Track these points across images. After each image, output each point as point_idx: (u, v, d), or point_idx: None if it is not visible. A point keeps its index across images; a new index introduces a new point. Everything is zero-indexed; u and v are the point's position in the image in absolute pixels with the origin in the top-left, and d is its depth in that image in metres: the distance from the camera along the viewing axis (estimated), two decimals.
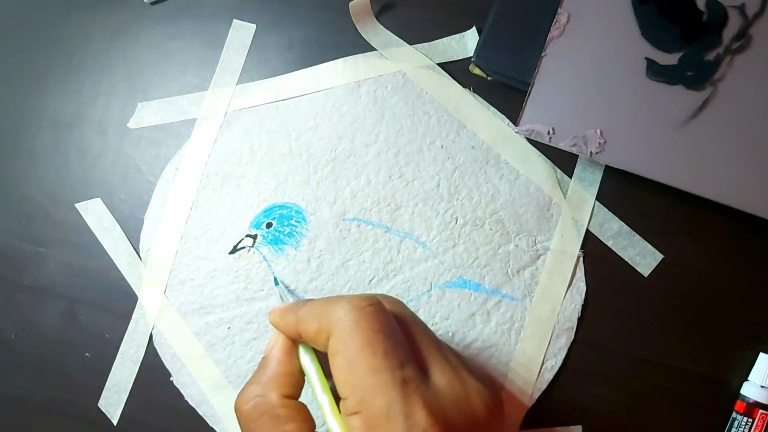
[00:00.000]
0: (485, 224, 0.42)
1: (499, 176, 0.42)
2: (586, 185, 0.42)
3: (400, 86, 0.43)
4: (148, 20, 0.46)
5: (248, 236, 0.43)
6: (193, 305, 0.43)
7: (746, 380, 0.39)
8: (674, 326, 0.41)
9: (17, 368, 0.44)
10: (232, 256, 0.43)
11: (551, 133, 0.38)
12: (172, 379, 0.43)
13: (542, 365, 0.41)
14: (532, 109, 0.39)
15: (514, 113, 0.42)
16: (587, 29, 0.38)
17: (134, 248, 0.44)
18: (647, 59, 0.38)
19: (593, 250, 0.41)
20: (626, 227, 0.41)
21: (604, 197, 0.42)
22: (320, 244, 0.42)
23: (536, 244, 0.41)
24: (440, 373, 0.29)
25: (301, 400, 0.32)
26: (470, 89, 0.43)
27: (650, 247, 0.41)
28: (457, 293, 0.41)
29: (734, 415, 0.39)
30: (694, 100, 0.38)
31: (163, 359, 0.43)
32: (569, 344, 0.41)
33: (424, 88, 0.43)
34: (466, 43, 0.43)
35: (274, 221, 0.43)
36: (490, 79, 0.42)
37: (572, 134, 0.38)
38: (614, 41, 0.38)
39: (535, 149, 0.42)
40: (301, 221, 0.43)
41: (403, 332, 0.30)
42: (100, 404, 0.43)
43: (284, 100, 0.44)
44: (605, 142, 0.38)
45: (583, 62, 0.38)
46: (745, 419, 0.38)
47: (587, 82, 0.38)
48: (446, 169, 0.42)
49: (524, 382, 0.40)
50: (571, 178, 0.42)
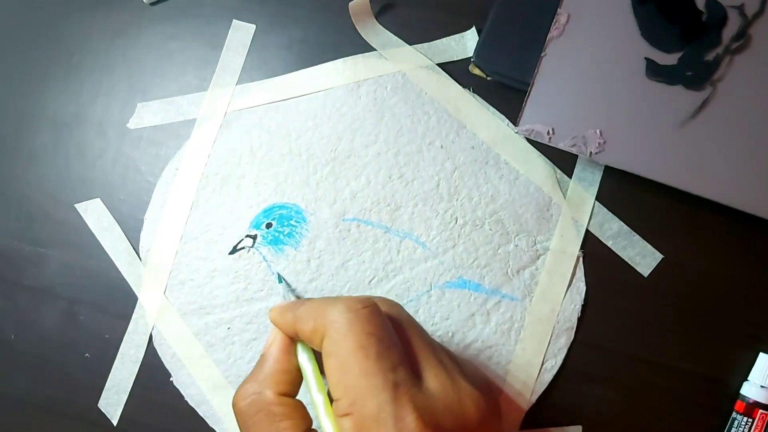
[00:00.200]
0: (485, 224, 0.42)
1: (498, 176, 0.42)
2: (585, 185, 0.42)
3: (399, 86, 0.43)
4: (147, 20, 0.46)
5: (248, 236, 0.43)
6: (192, 305, 0.43)
7: (746, 380, 0.39)
8: (674, 326, 0.41)
9: (17, 369, 0.44)
10: (231, 256, 0.43)
11: (551, 133, 0.38)
12: (171, 379, 0.43)
13: (542, 365, 0.41)
14: (531, 109, 0.39)
15: (513, 113, 0.42)
16: (587, 29, 0.38)
17: (134, 248, 0.44)
18: (647, 59, 0.38)
19: (593, 250, 0.41)
20: (626, 227, 0.41)
21: (603, 197, 0.42)
22: (320, 244, 0.42)
23: (536, 244, 0.41)
24: (434, 376, 0.29)
25: (298, 398, 0.32)
26: (470, 89, 0.43)
27: (650, 247, 0.41)
28: (456, 293, 0.41)
29: (734, 415, 0.39)
30: (693, 100, 0.38)
31: (162, 359, 0.43)
32: (569, 344, 0.41)
33: (423, 88, 0.43)
34: (465, 43, 0.43)
35: (273, 221, 0.43)
36: (489, 79, 0.42)
37: (572, 134, 0.38)
38: (614, 41, 0.38)
39: (534, 149, 0.42)
40: (300, 221, 0.43)
41: (398, 335, 0.30)
42: (99, 404, 0.43)
43: (284, 100, 0.44)
44: (605, 142, 0.38)
45: (582, 62, 0.38)
46: (744, 419, 0.38)
47: (587, 82, 0.38)
48: (446, 169, 0.42)
49: (524, 382, 0.40)
50: (570, 178, 0.42)
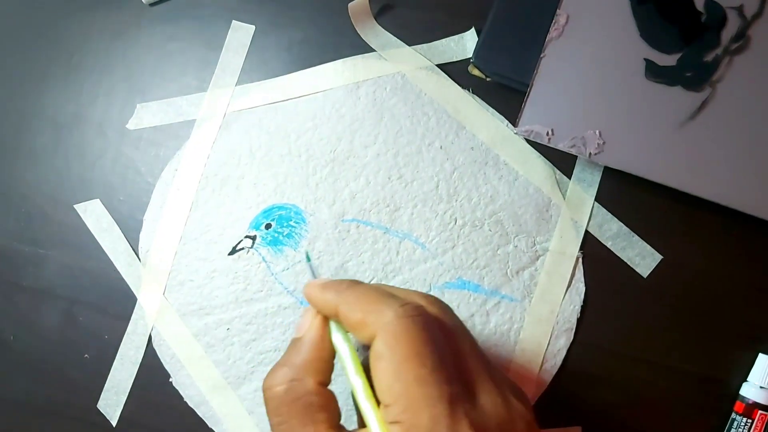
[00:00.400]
0: (484, 225, 0.42)
1: (498, 177, 0.42)
2: (585, 186, 0.42)
3: (399, 87, 0.43)
4: (147, 21, 0.46)
5: (247, 237, 0.43)
6: (192, 306, 0.43)
7: (745, 381, 0.39)
8: (673, 327, 0.41)
9: (16, 370, 0.44)
10: (231, 257, 0.43)
11: (550, 134, 0.38)
12: (171, 380, 0.43)
13: (541, 366, 0.41)
14: (531, 110, 0.39)
15: (513, 114, 0.42)
16: (586, 30, 0.38)
17: (133, 249, 0.44)
18: (646, 60, 0.38)
19: (592, 251, 0.41)
20: (625, 228, 0.41)
21: (603, 198, 0.42)
22: (319, 245, 0.42)
23: (535, 245, 0.41)
24: (487, 393, 0.28)
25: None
26: (469, 90, 0.43)
27: (649, 247, 0.41)
28: (456, 294, 0.41)
29: (733, 415, 0.39)
30: (692, 101, 0.38)
31: (162, 360, 0.43)
32: (568, 345, 0.41)
33: (423, 89, 0.43)
34: (465, 44, 0.43)
35: (273, 222, 0.43)
36: (489, 80, 0.42)
37: (571, 135, 0.38)
38: (613, 42, 0.38)
39: (534, 150, 0.42)
40: (300, 222, 0.43)
41: (451, 345, 0.29)
42: (99, 405, 0.43)
43: (283, 101, 0.44)
44: (604, 143, 0.38)
45: (582, 63, 0.38)
46: (744, 420, 0.38)
47: (586, 83, 0.38)
48: (445, 170, 0.42)
49: (523, 383, 0.40)
50: (570, 179, 0.42)
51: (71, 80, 0.46)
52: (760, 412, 0.38)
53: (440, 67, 0.43)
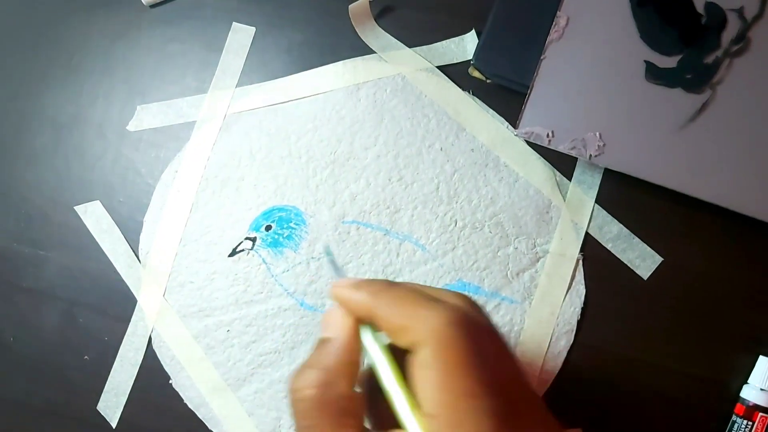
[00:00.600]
0: (485, 227, 0.42)
1: (498, 179, 0.42)
2: (585, 188, 0.42)
3: (399, 89, 0.43)
4: (147, 23, 0.46)
5: (247, 239, 0.43)
6: (192, 308, 0.43)
7: (746, 383, 0.39)
8: (673, 329, 0.41)
9: (16, 371, 0.44)
10: (231, 258, 0.43)
11: (550, 135, 0.38)
12: (171, 381, 0.43)
13: (542, 368, 0.41)
14: (531, 111, 0.39)
15: (513, 116, 0.42)
16: (586, 32, 0.38)
17: (133, 251, 0.44)
18: (646, 62, 0.38)
19: (593, 252, 0.41)
20: (625, 230, 0.41)
21: (603, 200, 0.42)
22: (319, 246, 0.42)
23: (535, 246, 0.41)
24: (530, 410, 0.27)
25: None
26: (469, 92, 0.43)
27: (649, 249, 0.41)
28: None
29: (734, 418, 0.39)
30: (693, 103, 0.38)
31: (162, 362, 0.43)
32: (569, 347, 0.41)
33: (423, 90, 0.43)
34: (465, 45, 0.43)
35: (273, 224, 0.43)
36: (489, 81, 0.42)
37: (571, 137, 0.38)
38: (613, 44, 0.38)
39: (534, 152, 0.42)
40: (300, 224, 0.43)
41: (496, 357, 0.28)
42: (99, 407, 0.43)
43: (283, 102, 0.44)
44: (604, 144, 0.38)
45: (582, 65, 0.38)
46: (744, 422, 0.38)
47: (586, 84, 0.38)
48: (445, 171, 0.42)
49: None
50: (570, 180, 0.42)
51: (71, 81, 0.46)
52: (760, 414, 0.38)
53: (440, 68, 0.43)
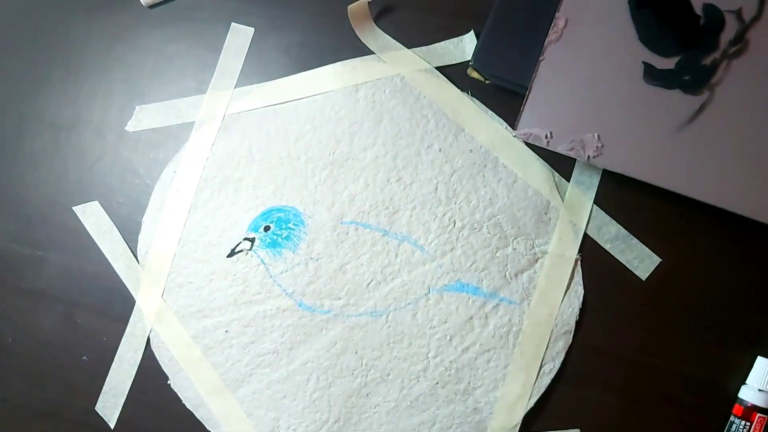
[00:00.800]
0: (483, 228, 0.42)
1: (497, 180, 0.42)
2: (583, 189, 0.42)
3: (398, 90, 0.43)
4: (146, 24, 0.46)
5: (246, 239, 0.43)
6: (190, 308, 0.43)
7: (744, 383, 0.39)
8: (672, 329, 0.41)
9: (14, 372, 0.44)
10: (229, 259, 0.43)
11: (549, 136, 0.39)
12: (169, 382, 0.43)
13: (540, 369, 0.41)
14: (529, 112, 0.39)
15: (512, 117, 0.42)
16: (585, 34, 0.38)
17: (132, 251, 0.44)
18: (644, 63, 0.38)
19: (591, 253, 0.41)
20: (624, 231, 0.41)
21: (601, 201, 0.42)
22: (318, 247, 0.42)
23: (534, 247, 0.42)
24: None
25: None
26: (468, 93, 0.43)
27: (648, 250, 0.41)
28: (455, 297, 0.41)
29: (732, 418, 0.39)
30: (691, 104, 0.38)
31: (160, 362, 0.43)
32: (567, 348, 0.41)
33: (422, 91, 0.43)
34: (464, 46, 0.43)
35: (272, 224, 0.43)
36: (488, 82, 0.42)
37: (570, 138, 0.38)
38: (612, 45, 0.38)
39: (532, 153, 0.42)
40: (299, 224, 0.43)
41: None
42: (97, 408, 0.43)
43: (282, 103, 0.44)
44: (603, 146, 0.38)
45: (580, 66, 0.38)
46: (742, 423, 0.38)
47: (585, 86, 0.38)
48: (444, 172, 0.42)
49: (522, 385, 0.40)
50: (568, 181, 0.42)
51: (70, 82, 0.46)
52: (758, 414, 0.38)
53: (439, 69, 0.43)
